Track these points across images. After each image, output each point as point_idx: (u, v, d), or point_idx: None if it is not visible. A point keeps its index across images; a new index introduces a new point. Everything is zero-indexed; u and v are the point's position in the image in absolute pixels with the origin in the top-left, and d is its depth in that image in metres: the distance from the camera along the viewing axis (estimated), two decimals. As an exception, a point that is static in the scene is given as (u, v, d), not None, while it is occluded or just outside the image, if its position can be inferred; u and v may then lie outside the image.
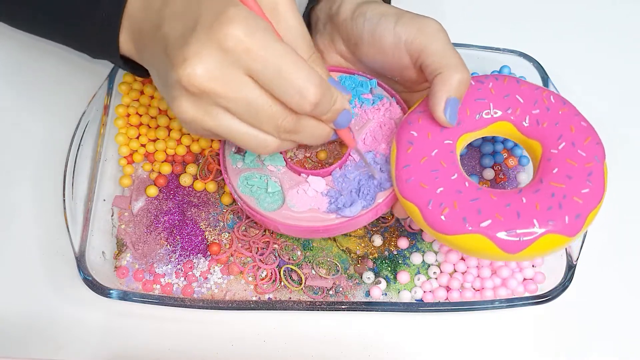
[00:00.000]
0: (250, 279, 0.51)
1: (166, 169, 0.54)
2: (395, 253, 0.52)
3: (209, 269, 0.52)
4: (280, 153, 0.49)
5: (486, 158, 0.55)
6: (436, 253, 0.52)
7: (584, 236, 0.49)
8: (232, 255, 0.52)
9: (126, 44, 0.44)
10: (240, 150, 0.49)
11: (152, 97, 0.56)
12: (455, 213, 0.41)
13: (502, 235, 0.40)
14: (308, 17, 0.53)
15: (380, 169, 0.47)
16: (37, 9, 0.47)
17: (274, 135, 0.40)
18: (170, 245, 0.52)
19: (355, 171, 0.47)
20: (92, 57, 0.48)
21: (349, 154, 0.48)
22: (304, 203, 0.47)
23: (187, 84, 0.36)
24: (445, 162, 0.43)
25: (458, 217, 0.41)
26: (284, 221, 0.46)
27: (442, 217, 0.41)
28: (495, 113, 0.45)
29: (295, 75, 0.37)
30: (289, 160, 0.49)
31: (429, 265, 0.52)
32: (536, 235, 0.40)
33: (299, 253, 0.52)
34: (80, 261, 0.49)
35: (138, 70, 0.46)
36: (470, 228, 0.41)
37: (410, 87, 0.50)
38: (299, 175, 0.48)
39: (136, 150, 0.55)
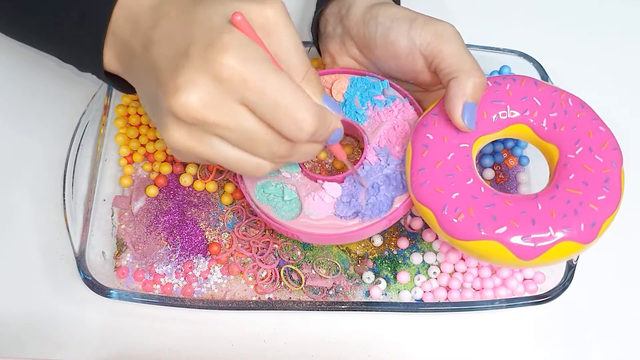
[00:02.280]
0: (250, 279, 0.51)
1: (166, 169, 0.54)
2: (395, 253, 0.52)
3: (209, 269, 0.52)
4: None
5: (486, 158, 0.55)
6: (436, 253, 0.52)
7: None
8: (232, 255, 0.52)
9: (111, 61, 0.43)
10: None
11: (152, 97, 0.56)
12: (471, 219, 0.41)
13: (517, 241, 0.40)
14: (317, 21, 0.53)
15: (397, 171, 0.47)
16: (24, 22, 0.45)
17: (268, 160, 0.39)
18: (170, 245, 0.52)
19: (371, 176, 0.47)
20: (79, 70, 0.46)
21: (365, 157, 0.48)
22: (321, 210, 0.46)
23: (180, 113, 0.35)
24: (461, 167, 0.43)
25: (473, 223, 0.41)
26: (303, 229, 0.46)
27: (457, 223, 0.41)
28: (512, 115, 0.45)
29: (292, 107, 0.36)
30: (304, 166, 0.49)
31: (429, 265, 0.52)
32: (551, 243, 0.40)
33: (299, 253, 0.52)
34: (80, 261, 0.49)
35: (125, 87, 0.45)
36: (485, 234, 0.41)
37: (425, 88, 0.49)
38: (315, 181, 0.48)
39: (136, 150, 0.55)
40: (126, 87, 0.45)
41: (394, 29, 0.46)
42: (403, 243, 0.52)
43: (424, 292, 0.51)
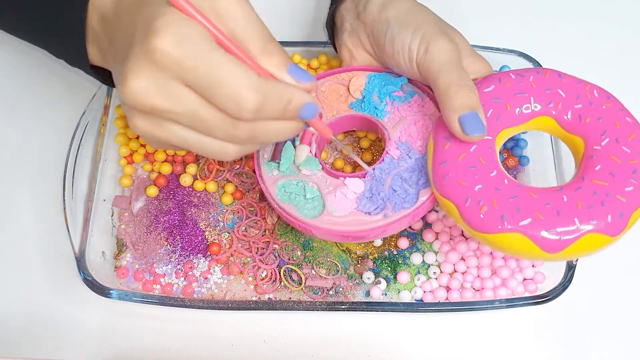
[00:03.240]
0: (250, 279, 0.51)
1: (166, 169, 0.54)
2: (395, 253, 0.52)
3: (209, 269, 0.52)
4: (315, 156, 0.48)
5: (486, 158, 0.55)
6: (436, 253, 0.52)
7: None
8: (232, 255, 0.52)
9: (96, 56, 0.43)
10: (274, 158, 0.49)
11: (152, 97, 0.56)
12: (494, 211, 0.40)
13: (542, 234, 0.39)
14: (332, 17, 0.52)
15: (420, 166, 0.46)
16: (17, 17, 0.46)
17: (229, 141, 0.38)
18: (170, 245, 0.52)
19: (393, 170, 0.47)
20: (69, 65, 0.47)
21: (387, 152, 0.47)
22: (344, 207, 0.46)
23: (131, 103, 0.35)
24: (484, 159, 0.42)
25: (497, 215, 0.40)
26: (327, 227, 0.45)
27: (481, 215, 0.41)
28: (536, 107, 0.44)
29: (228, 84, 0.35)
30: (322, 162, 0.48)
31: (429, 266, 0.52)
32: (577, 235, 0.39)
33: (299, 253, 0.52)
34: (80, 261, 0.49)
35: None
36: (509, 227, 0.40)
37: None
38: (337, 178, 0.47)
39: (136, 150, 0.55)
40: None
41: (397, 38, 0.46)
42: (403, 243, 0.52)
43: (424, 292, 0.51)
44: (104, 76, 0.46)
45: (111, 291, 0.48)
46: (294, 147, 0.48)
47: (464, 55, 0.46)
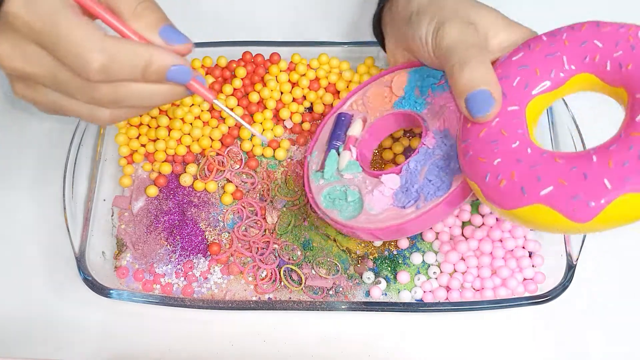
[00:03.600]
0: (250, 279, 0.51)
1: (166, 169, 0.54)
2: (395, 253, 0.52)
3: (209, 269, 0.52)
4: (357, 159, 0.49)
5: (486, 158, 0.55)
6: (436, 253, 0.52)
7: (584, 236, 0.49)
8: (232, 255, 0.52)
9: None
10: (320, 168, 0.49)
11: (152, 97, 0.56)
12: (513, 184, 0.37)
13: (566, 202, 0.35)
14: (379, 20, 0.52)
15: (455, 152, 0.45)
16: None
17: (95, 104, 0.38)
18: (170, 245, 0.52)
19: (429, 160, 0.45)
20: None
21: (422, 143, 0.46)
22: (381, 204, 0.46)
23: (2, 68, 0.36)
24: (507, 131, 0.39)
25: (516, 187, 0.36)
26: (364, 226, 0.45)
27: (500, 190, 0.37)
28: (572, 67, 0.40)
29: (72, 44, 0.35)
30: (362, 164, 0.48)
31: (429, 265, 0.52)
32: (609, 198, 0.34)
33: (299, 253, 0.52)
34: (80, 261, 0.49)
35: None
36: (529, 198, 0.36)
37: None
38: (376, 177, 0.47)
39: (136, 150, 0.55)
40: None
41: (417, 31, 0.45)
42: (403, 243, 0.52)
43: (424, 292, 0.51)
44: None
45: (111, 291, 0.48)
46: (338, 154, 0.49)
47: (497, 30, 0.44)
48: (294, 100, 0.57)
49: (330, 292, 0.51)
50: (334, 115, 0.52)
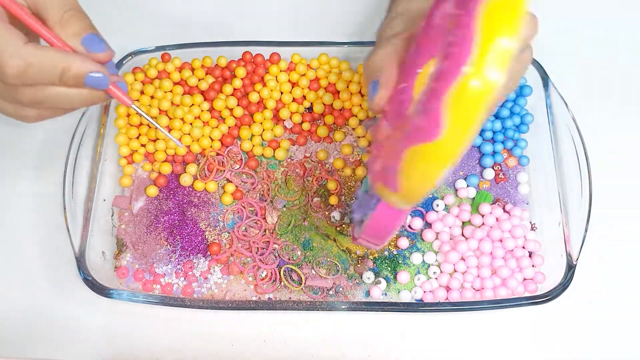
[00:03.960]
0: (250, 279, 0.51)
1: (166, 169, 0.54)
2: (395, 253, 0.52)
3: (209, 269, 0.52)
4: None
5: (486, 158, 0.55)
6: (436, 253, 0.52)
7: (584, 236, 0.49)
8: (232, 255, 0.52)
9: None
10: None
11: (152, 97, 0.56)
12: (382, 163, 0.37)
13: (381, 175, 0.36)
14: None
15: None
16: None
17: (20, 104, 0.41)
18: (170, 245, 0.52)
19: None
20: None
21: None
22: None
23: None
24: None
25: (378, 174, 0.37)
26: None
27: (378, 173, 0.37)
28: None
29: None
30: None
31: (429, 265, 0.52)
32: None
33: (299, 253, 0.52)
34: (80, 261, 0.49)
35: None
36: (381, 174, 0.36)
37: None
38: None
39: (136, 150, 0.55)
40: None
41: None
42: (403, 243, 0.52)
43: (424, 292, 0.51)
44: None
45: (111, 291, 0.48)
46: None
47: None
48: (293, 100, 0.57)
49: (330, 292, 0.51)
50: None
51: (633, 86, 0.61)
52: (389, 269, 0.52)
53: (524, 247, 0.52)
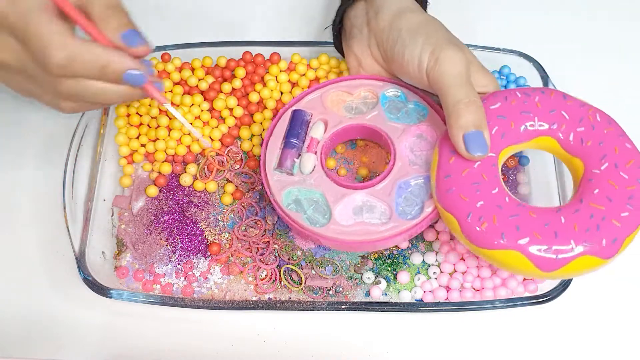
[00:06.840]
0: (250, 279, 0.51)
1: (166, 169, 0.54)
2: (395, 253, 0.52)
3: (209, 269, 0.52)
4: (321, 164, 0.49)
5: (486, 158, 0.55)
6: (436, 253, 0.52)
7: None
8: (232, 255, 0.52)
9: None
10: (280, 165, 0.49)
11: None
12: (494, 228, 0.42)
13: (538, 253, 0.41)
14: (341, 20, 0.52)
15: (424, 177, 0.48)
16: None
17: (57, 96, 0.42)
18: (170, 245, 0.52)
19: (398, 181, 0.48)
20: None
21: (393, 163, 0.48)
22: (350, 216, 0.47)
23: None
24: (487, 176, 0.43)
25: (497, 232, 0.42)
26: (334, 236, 0.46)
27: (481, 231, 0.42)
28: (541, 127, 0.45)
29: (38, 39, 0.39)
30: (328, 171, 0.49)
31: (429, 265, 0.52)
32: (572, 256, 0.41)
33: (299, 253, 0.52)
34: (80, 261, 0.49)
35: None
36: (507, 244, 0.41)
37: None
38: (345, 188, 0.48)
39: (136, 150, 0.55)
40: None
41: (409, 48, 0.46)
42: (403, 243, 0.52)
43: (424, 292, 0.51)
44: None
45: (111, 291, 0.48)
46: (298, 154, 0.49)
47: (473, 69, 0.47)
48: (294, 100, 0.57)
49: (330, 292, 0.51)
50: (290, 110, 0.51)
51: (633, 86, 0.61)
52: (389, 269, 0.52)
53: (524, 247, 0.52)
